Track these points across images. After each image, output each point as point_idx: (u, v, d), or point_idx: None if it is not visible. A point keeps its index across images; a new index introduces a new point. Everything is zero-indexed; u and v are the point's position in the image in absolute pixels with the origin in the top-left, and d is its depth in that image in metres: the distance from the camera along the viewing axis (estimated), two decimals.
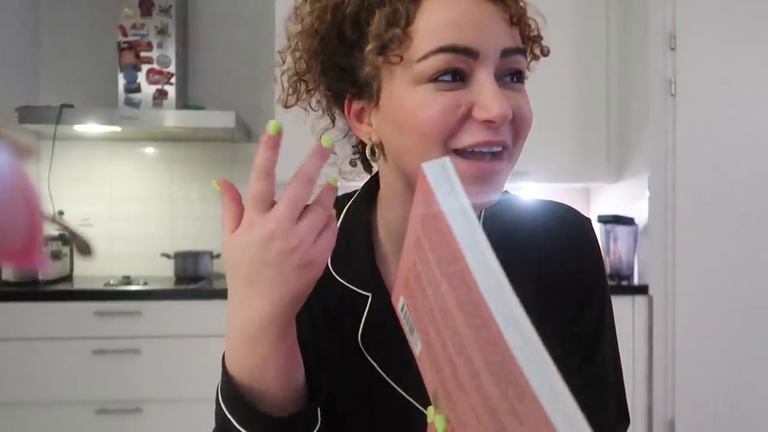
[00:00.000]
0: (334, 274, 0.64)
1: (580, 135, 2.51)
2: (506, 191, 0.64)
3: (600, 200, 2.75)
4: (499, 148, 0.54)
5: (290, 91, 0.65)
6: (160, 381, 2.21)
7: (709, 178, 2.28)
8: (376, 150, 0.60)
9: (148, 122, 2.41)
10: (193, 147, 2.77)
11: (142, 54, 2.54)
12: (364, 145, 0.64)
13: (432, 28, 0.54)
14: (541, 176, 2.40)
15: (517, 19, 0.56)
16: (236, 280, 0.49)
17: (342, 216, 0.67)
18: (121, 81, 2.54)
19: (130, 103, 2.53)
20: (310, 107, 0.66)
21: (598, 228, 2.47)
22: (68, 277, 2.58)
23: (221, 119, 2.38)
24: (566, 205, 0.70)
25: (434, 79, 0.53)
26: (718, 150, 2.29)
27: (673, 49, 2.29)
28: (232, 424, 0.52)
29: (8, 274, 2.35)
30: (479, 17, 0.54)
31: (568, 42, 2.47)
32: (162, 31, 2.55)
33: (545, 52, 0.62)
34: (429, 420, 0.44)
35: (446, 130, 0.53)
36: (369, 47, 0.55)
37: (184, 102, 2.66)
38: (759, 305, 2.28)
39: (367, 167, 0.72)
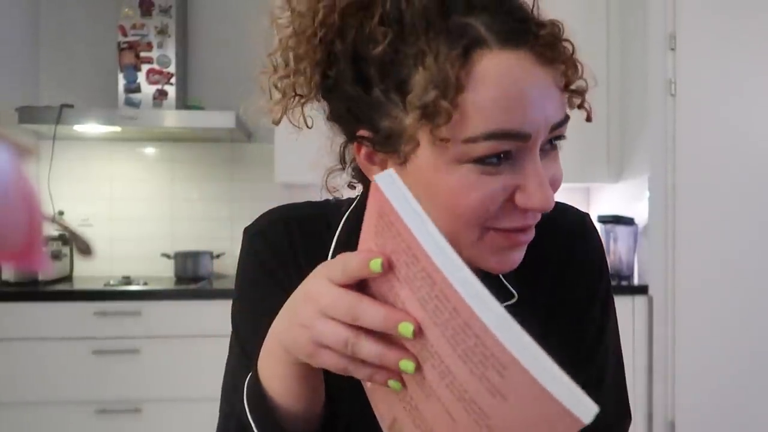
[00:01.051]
0: None
1: (580, 135, 2.50)
2: None
3: (600, 200, 2.75)
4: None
5: (275, 99, 0.59)
6: (160, 381, 2.21)
7: (709, 178, 2.28)
8: None
9: (148, 122, 2.41)
10: (193, 147, 2.77)
11: (142, 54, 2.54)
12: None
13: (483, 106, 0.47)
14: None
15: (568, 82, 0.51)
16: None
17: (341, 224, 0.67)
18: (121, 81, 2.54)
19: (130, 103, 2.53)
20: (305, 124, 0.60)
21: (597, 228, 2.46)
22: (68, 277, 2.58)
23: (221, 119, 2.38)
24: (562, 203, 0.70)
25: (480, 161, 0.48)
26: (718, 150, 2.29)
27: (673, 49, 2.29)
28: (249, 421, 0.53)
29: (8, 274, 2.35)
30: (534, 92, 0.48)
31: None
32: (162, 31, 2.55)
33: (584, 89, 0.55)
34: None
35: (485, 216, 0.50)
36: (410, 117, 0.48)
37: (184, 102, 2.66)
38: (759, 305, 2.27)
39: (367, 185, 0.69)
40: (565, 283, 0.65)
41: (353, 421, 0.57)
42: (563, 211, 0.69)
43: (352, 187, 0.65)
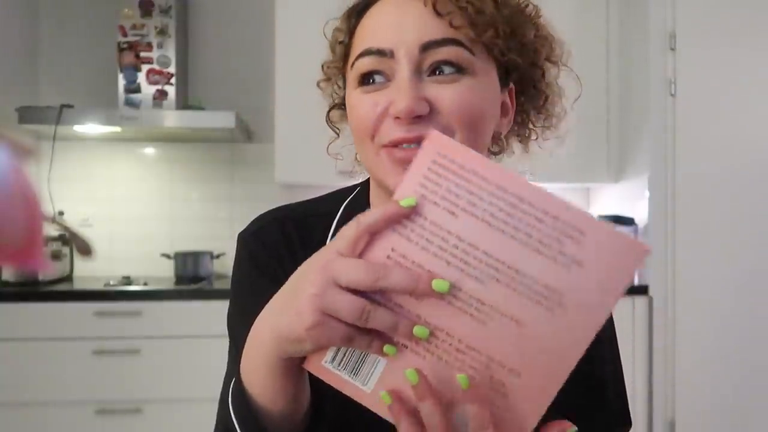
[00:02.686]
0: None
1: (580, 135, 2.51)
2: None
3: (600, 200, 2.75)
4: (414, 145, 0.55)
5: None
6: (160, 381, 2.21)
7: (709, 177, 2.29)
8: None
9: (148, 122, 2.40)
10: (193, 147, 2.77)
11: (142, 54, 2.54)
12: None
13: (360, 36, 0.59)
14: (541, 176, 2.39)
15: (443, 9, 0.55)
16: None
17: (339, 213, 0.68)
18: (121, 81, 2.54)
19: (130, 104, 2.53)
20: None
21: None
22: (68, 277, 2.58)
23: (221, 119, 2.38)
24: None
25: (360, 82, 0.58)
26: (718, 150, 2.29)
27: (673, 49, 2.29)
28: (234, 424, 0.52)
29: (8, 274, 2.35)
30: (396, 17, 0.56)
31: (568, 42, 2.46)
32: (162, 32, 2.55)
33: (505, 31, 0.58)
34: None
35: (368, 129, 0.57)
36: (326, 60, 0.64)
37: (184, 102, 2.66)
38: (759, 305, 2.28)
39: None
40: None
41: (339, 423, 0.57)
42: None
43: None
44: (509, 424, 0.42)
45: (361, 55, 0.57)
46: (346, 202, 0.69)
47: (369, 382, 0.44)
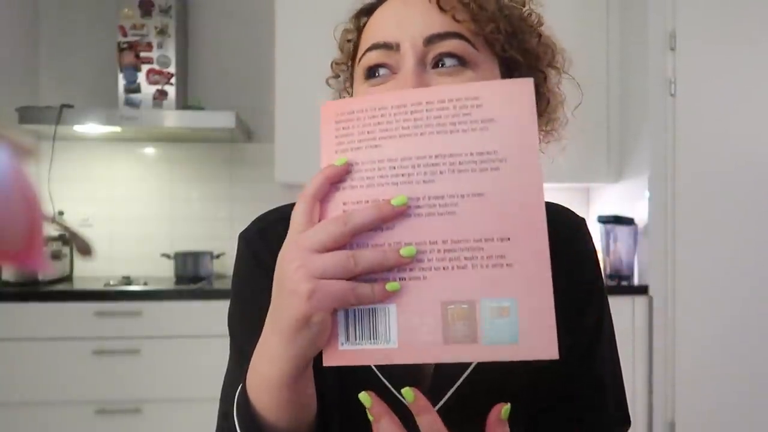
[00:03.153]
0: None
1: (580, 135, 2.50)
2: None
3: (600, 200, 2.75)
4: None
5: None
6: (160, 381, 2.21)
7: (709, 177, 2.29)
8: None
9: (148, 122, 2.40)
10: (193, 147, 2.77)
11: (142, 54, 2.54)
12: None
13: (366, 32, 0.62)
14: None
15: (447, 4, 0.58)
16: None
17: None
18: (121, 81, 2.54)
19: (130, 103, 2.53)
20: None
21: (598, 228, 2.47)
22: (68, 277, 2.58)
23: (221, 119, 2.38)
24: (561, 206, 0.70)
25: (367, 76, 0.60)
26: (718, 150, 2.29)
27: (673, 49, 2.29)
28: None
29: (8, 274, 2.35)
30: (401, 13, 0.59)
31: (568, 42, 2.46)
32: (162, 32, 2.55)
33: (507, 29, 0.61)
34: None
35: None
36: (336, 58, 0.65)
37: (184, 102, 2.66)
38: (759, 305, 2.28)
39: None
40: (562, 276, 0.65)
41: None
42: (561, 212, 0.69)
43: None
44: (531, 289, 0.43)
45: (369, 49, 0.59)
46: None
47: (391, 337, 0.44)
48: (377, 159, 0.45)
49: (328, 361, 0.45)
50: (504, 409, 0.45)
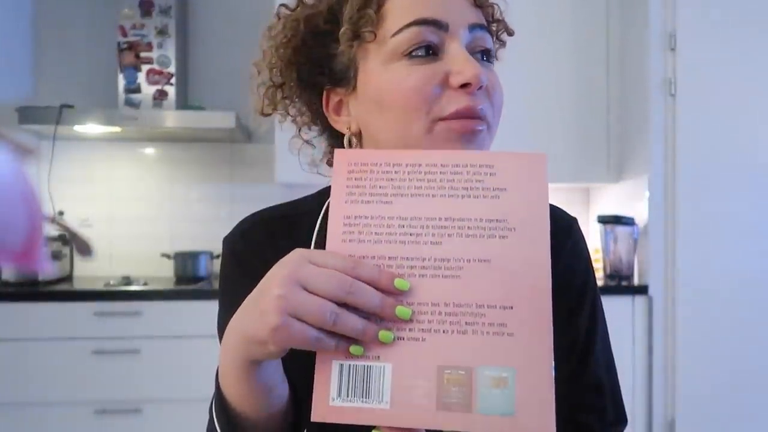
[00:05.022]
0: None
1: (580, 135, 2.51)
2: None
3: (600, 200, 2.75)
4: (481, 116, 0.56)
5: (266, 101, 0.68)
6: (160, 381, 2.21)
7: (708, 177, 2.28)
8: (353, 140, 0.61)
9: (148, 122, 2.40)
10: (193, 147, 2.77)
11: (142, 54, 2.54)
12: (339, 142, 0.65)
13: (403, 5, 0.56)
14: None
15: (480, 2, 0.59)
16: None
17: (323, 210, 0.67)
18: (121, 81, 2.54)
19: (130, 104, 2.53)
20: (287, 113, 0.69)
21: (598, 228, 2.47)
22: (68, 277, 2.58)
23: (221, 119, 2.38)
24: (553, 205, 0.70)
25: (408, 54, 0.55)
26: (717, 150, 2.29)
27: (673, 49, 2.29)
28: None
29: (8, 274, 2.35)
30: None
31: (568, 42, 2.47)
32: (162, 32, 2.55)
33: (510, 32, 0.64)
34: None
35: (426, 100, 0.54)
36: (343, 29, 0.57)
37: (184, 102, 2.66)
38: (759, 305, 2.28)
39: None
40: (554, 275, 0.65)
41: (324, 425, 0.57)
42: (552, 210, 0.69)
43: (330, 164, 0.70)
44: (530, 361, 0.42)
45: (416, 23, 0.55)
46: (324, 207, 0.68)
47: (384, 397, 0.43)
48: (387, 215, 0.45)
49: (317, 416, 0.44)
50: None
